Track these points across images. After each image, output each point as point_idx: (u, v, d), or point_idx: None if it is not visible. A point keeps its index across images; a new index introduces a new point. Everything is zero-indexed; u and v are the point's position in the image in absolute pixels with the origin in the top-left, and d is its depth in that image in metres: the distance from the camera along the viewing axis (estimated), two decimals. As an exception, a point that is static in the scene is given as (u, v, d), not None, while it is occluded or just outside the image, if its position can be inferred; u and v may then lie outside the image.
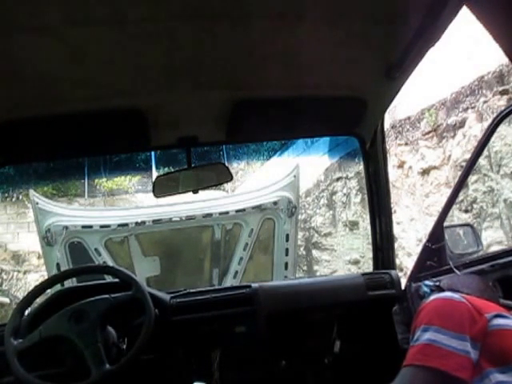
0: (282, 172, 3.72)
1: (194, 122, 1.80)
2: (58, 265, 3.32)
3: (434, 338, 1.05)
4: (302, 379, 1.91)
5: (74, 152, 2.08)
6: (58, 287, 1.79)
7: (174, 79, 1.51)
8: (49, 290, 1.75)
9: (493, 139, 2.94)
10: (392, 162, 5.48)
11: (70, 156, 3.27)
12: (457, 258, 1.79)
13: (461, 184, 1.92)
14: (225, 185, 8.73)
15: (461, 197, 4.26)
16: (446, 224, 1.86)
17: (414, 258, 1.98)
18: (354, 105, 1.78)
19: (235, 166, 11.95)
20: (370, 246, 2.11)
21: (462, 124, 4.66)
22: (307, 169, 6.36)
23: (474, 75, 4.47)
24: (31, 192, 3.88)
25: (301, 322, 1.88)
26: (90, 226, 3.39)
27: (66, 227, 3.33)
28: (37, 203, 3.34)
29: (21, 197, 10.86)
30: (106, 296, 1.56)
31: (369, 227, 2.13)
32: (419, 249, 1.96)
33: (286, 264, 3.52)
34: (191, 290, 1.86)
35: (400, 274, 1.98)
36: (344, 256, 6.83)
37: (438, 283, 1.60)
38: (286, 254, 3.52)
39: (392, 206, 2.14)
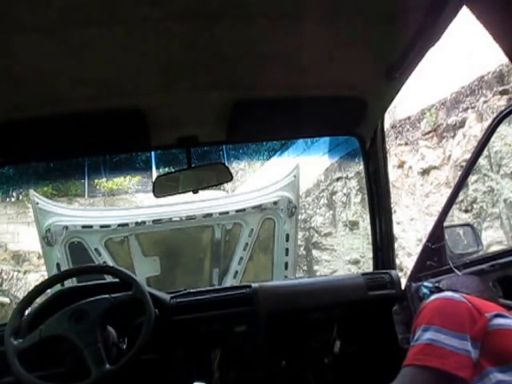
0: (281, 172, 3.72)
1: (194, 122, 1.80)
2: (58, 265, 3.32)
3: (434, 338, 1.05)
4: (302, 379, 1.91)
5: (74, 152, 2.08)
6: (58, 287, 1.79)
7: (174, 79, 1.51)
8: (49, 290, 1.75)
9: (493, 139, 2.94)
10: (392, 162, 5.48)
11: (70, 156, 3.27)
12: (457, 258, 1.79)
13: (461, 184, 1.92)
14: (225, 185, 8.72)
15: (461, 197, 4.26)
16: (446, 224, 1.86)
17: (414, 258, 1.98)
18: (354, 105, 1.77)
19: (235, 166, 11.96)
20: (370, 246, 2.11)
21: (462, 124, 4.66)
22: (307, 169, 6.36)
23: (473, 75, 4.47)
24: (31, 192, 3.89)
25: (301, 322, 1.88)
26: (90, 226, 3.39)
27: (66, 227, 3.33)
28: (37, 203, 3.34)
29: (21, 197, 10.87)
30: (106, 296, 1.56)
31: (369, 227, 2.13)
32: (419, 249, 1.96)
33: (286, 264, 3.52)
34: (191, 290, 1.86)
35: (400, 274, 1.98)
36: (344, 256, 6.83)
37: (437, 284, 1.60)
38: (286, 254, 3.52)
39: (392, 206, 2.14)
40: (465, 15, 1.14)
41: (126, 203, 11.14)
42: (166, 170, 10.25)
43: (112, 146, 2.01)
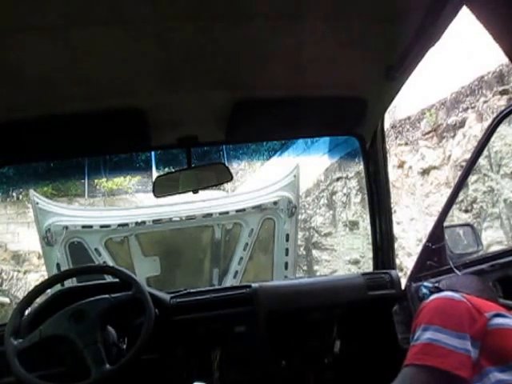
0: (281, 172, 3.72)
1: (194, 122, 1.80)
2: (58, 265, 3.32)
3: (434, 337, 1.05)
4: (302, 379, 1.91)
5: (74, 152, 2.08)
6: (58, 287, 1.79)
7: (174, 79, 1.51)
8: (49, 290, 1.75)
9: (493, 139, 2.94)
10: (392, 162, 5.48)
11: (70, 156, 3.27)
12: (457, 258, 1.79)
13: (461, 184, 1.92)
14: (225, 185, 8.72)
15: (461, 197, 4.26)
16: (446, 224, 1.86)
17: (414, 258, 1.98)
18: (354, 105, 1.78)
19: (235, 166, 11.95)
20: (370, 246, 2.11)
21: (462, 124, 4.66)
22: (307, 169, 6.36)
23: (473, 75, 4.47)
24: (31, 192, 3.89)
25: (301, 322, 1.88)
26: (90, 226, 3.39)
27: (66, 227, 3.33)
28: (37, 203, 3.34)
29: (21, 197, 10.86)
30: (106, 296, 1.56)
31: (369, 227, 2.13)
32: (419, 249, 1.97)
33: (286, 264, 3.52)
34: (191, 290, 1.86)
35: (400, 274, 1.98)
36: (344, 256, 6.83)
37: (437, 284, 1.60)
38: (286, 254, 3.52)
39: (392, 206, 2.14)
40: (465, 15, 1.14)
41: (126, 203, 11.13)
42: (166, 170, 10.24)
43: (112, 146, 2.01)
